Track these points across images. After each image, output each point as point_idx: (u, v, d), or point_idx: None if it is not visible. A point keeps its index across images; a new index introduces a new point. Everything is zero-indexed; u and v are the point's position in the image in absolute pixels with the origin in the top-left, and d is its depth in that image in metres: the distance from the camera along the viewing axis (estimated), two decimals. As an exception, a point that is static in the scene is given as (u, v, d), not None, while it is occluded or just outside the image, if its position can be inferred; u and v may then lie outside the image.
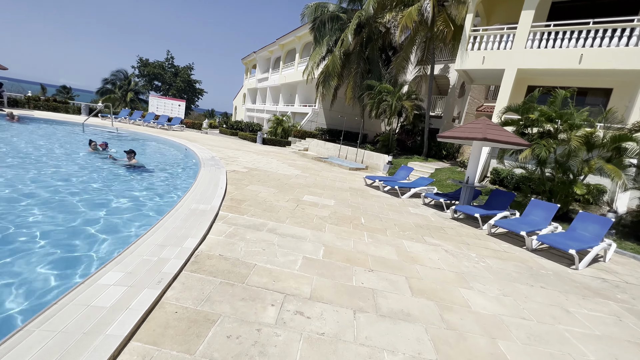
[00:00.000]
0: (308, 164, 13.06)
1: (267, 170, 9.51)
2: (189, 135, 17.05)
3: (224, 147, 13.59)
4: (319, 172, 11.05)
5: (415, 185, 9.32)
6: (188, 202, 4.81)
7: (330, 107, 18.93)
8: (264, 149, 16.28)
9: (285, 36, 26.06)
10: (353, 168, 13.56)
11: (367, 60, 16.43)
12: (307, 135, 20.75)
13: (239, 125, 24.77)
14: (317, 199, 6.87)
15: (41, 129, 12.25)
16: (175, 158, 10.40)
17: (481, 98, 22.80)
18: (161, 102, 20.53)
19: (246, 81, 40.89)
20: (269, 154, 14.26)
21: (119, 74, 40.92)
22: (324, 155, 17.11)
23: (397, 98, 14.28)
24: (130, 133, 13.90)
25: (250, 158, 11.57)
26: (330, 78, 16.51)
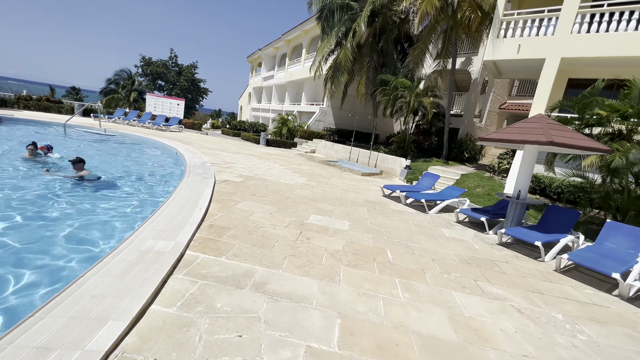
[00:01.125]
0: (315, 169, 11.55)
1: (266, 178, 8.03)
2: (186, 136, 15.73)
3: (221, 150, 12.18)
4: (328, 180, 9.53)
5: (444, 196, 7.73)
6: (142, 238, 3.33)
7: (341, 105, 17.41)
8: (267, 151, 14.84)
9: (291, 31, 24.61)
10: (366, 173, 12.00)
11: (381, 53, 14.85)
12: (314, 136, 19.26)
13: (242, 126, 23.42)
14: (326, 220, 5.35)
15: (9, 131, 10.99)
16: (160, 165, 8.94)
17: (504, 95, 20.96)
18: (159, 101, 19.31)
19: (251, 80, 39.64)
20: (271, 157, 12.81)
21: (123, 74, 40.14)
22: (333, 158, 15.59)
23: (415, 94, 12.66)
24: (119, 134, 12.62)
25: (249, 163, 10.11)
26: (340, 73, 14.97)
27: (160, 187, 6.62)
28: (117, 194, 5.67)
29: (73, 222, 4.10)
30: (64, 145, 9.74)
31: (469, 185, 10.32)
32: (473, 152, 15.39)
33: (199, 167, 7.74)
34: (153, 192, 6.26)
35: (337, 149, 15.98)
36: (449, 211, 7.63)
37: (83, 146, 10.00)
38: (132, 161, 8.61)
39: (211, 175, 6.98)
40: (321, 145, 17.13)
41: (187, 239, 3.45)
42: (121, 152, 9.58)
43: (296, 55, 26.72)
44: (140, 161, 8.78)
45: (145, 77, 37.38)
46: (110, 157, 8.66)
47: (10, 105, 16.79)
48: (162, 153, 10.43)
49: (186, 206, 4.57)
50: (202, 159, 9.06)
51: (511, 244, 5.64)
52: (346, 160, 14.83)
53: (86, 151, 9.31)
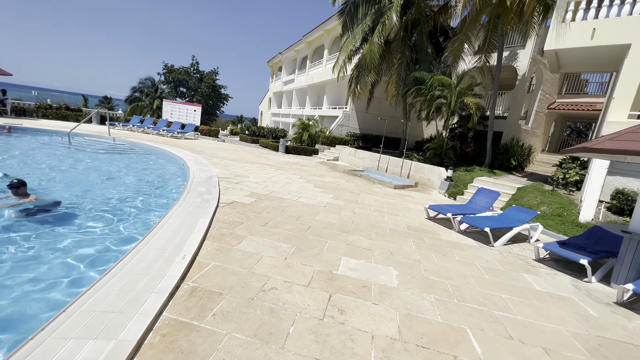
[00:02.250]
0: (340, 180, 10.02)
1: (283, 197, 6.58)
2: (200, 144, 14.72)
3: (234, 160, 10.94)
4: (357, 196, 7.96)
5: (511, 221, 5.94)
6: (56, 337, 1.93)
7: (366, 108, 15.83)
8: (286, 159, 13.50)
9: (312, 32, 23.39)
10: (399, 186, 10.31)
11: (413, 49, 13.15)
12: (337, 142, 17.77)
13: (261, 132, 22.35)
14: (364, 267, 3.79)
15: (6, 142, 10.32)
16: (160, 181, 7.47)
17: (553, 93, 18.50)
18: (175, 108, 18.58)
19: (272, 85, 38.94)
20: (291, 167, 11.43)
21: (147, 82, 40.75)
22: (359, 167, 13.99)
23: (457, 93, 10.86)
24: (128, 144, 11.73)
25: (264, 176, 8.75)
26: (366, 72, 13.42)
27: (146, 214, 5.02)
28: (77, 229, 4.07)
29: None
30: (64, 156, 8.85)
31: (531, 203, 8.40)
32: (521, 158, 13.31)
33: (203, 183, 6.42)
34: (134, 222, 4.59)
35: (363, 156, 14.38)
36: (517, 241, 5.85)
37: (81, 157, 9.05)
38: (126, 176, 7.32)
39: (215, 195, 5.63)
40: (345, 152, 15.60)
41: (140, 335, 2.01)
42: (119, 165, 8.46)
43: (317, 57, 25.47)
44: (137, 176, 7.48)
45: (167, 85, 37.60)
46: (100, 173, 7.41)
47: (30, 114, 16.59)
48: (166, 165, 9.28)
49: (165, 252, 3.18)
50: (209, 172, 7.79)
51: (635, 302, 3.83)
52: (374, 169, 13.18)
53: (80, 163, 8.31)
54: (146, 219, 4.77)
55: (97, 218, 4.58)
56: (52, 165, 7.75)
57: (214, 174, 7.58)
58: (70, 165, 7.83)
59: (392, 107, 21.09)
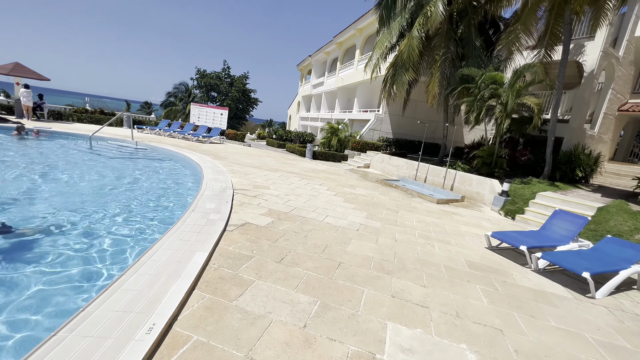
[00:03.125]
0: (374, 193, 8.73)
1: (307, 217, 5.45)
2: (224, 149, 14.09)
3: (257, 167, 10.04)
4: (396, 214, 6.64)
5: (613, 260, 4.35)
6: None
7: (402, 111, 14.39)
8: (313, 166, 12.43)
9: (344, 31, 22.33)
10: (443, 200, 8.82)
11: (459, 43, 11.57)
12: (368, 148, 16.44)
13: (288, 136, 21.56)
14: (421, 343, 2.52)
15: (32, 144, 10.19)
16: (167, 193, 6.49)
17: (626, 92, 15.86)
18: (202, 111, 18.28)
19: (301, 88, 38.43)
20: (317, 175, 10.32)
21: (181, 87, 42.02)
22: (392, 176, 12.58)
23: (515, 92, 9.17)
24: (150, 148, 11.27)
25: (287, 187, 7.70)
26: (404, 71, 12.03)
27: (129, 244, 3.85)
28: (17, 269, 3.04)
29: None
30: (73, 161, 8.41)
31: (620, 229, 6.59)
32: (588, 169, 11.24)
33: (214, 197, 5.47)
34: (111, 256, 3.50)
35: (397, 163, 12.94)
36: (620, 287, 4.25)
37: (94, 162, 8.57)
38: (131, 188, 6.41)
39: (224, 214, 4.62)
40: (377, 159, 14.24)
41: None
42: (129, 173, 7.79)
43: (348, 59, 24.35)
44: (143, 187, 6.73)
45: (200, 89, 38.37)
46: (102, 181, 6.64)
47: (66, 118, 17.01)
48: (181, 173, 8.53)
49: (126, 319, 2.14)
50: (225, 182, 6.86)
51: None
52: (410, 179, 11.71)
53: (86, 169, 7.75)
54: (127, 250, 3.74)
55: (59, 248, 3.58)
56: (51, 170, 7.21)
57: (230, 185, 6.63)
58: (72, 172, 7.27)
59: (429, 110, 19.38)
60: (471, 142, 16.51)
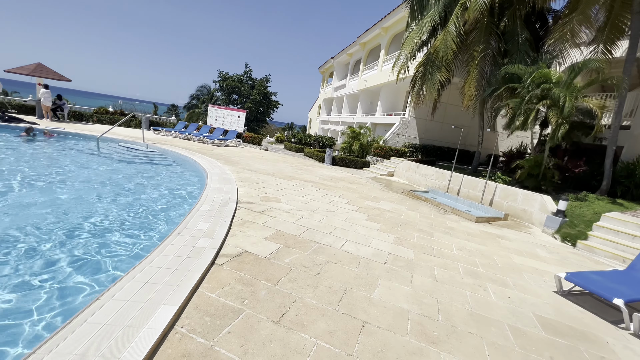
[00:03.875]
0: (400, 207, 7.55)
1: (322, 242, 4.40)
2: (237, 153, 13.36)
3: (270, 174, 9.14)
4: (430, 238, 5.46)
5: None
6: None
7: (431, 114, 13.08)
8: (332, 173, 11.40)
9: (368, 31, 21.24)
10: (483, 219, 7.50)
11: (502, 37, 10.18)
12: (392, 154, 15.20)
13: (307, 140, 20.68)
14: None
15: (36, 144, 9.81)
16: (156, 207, 5.39)
17: (698, 95, 13.68)
18: (220, 113, 17.75)
19: (322, 91, 37.62)
20: (336, 184, 9.27)
21: (204, 90, 42.40)
22: (420, 186, 11.30)
23: (574, 93, 7.71)
24: (160, 151, 10.68)
25: (301, 199, 6.70)
26: (436, 70, 10.78)
27: (78, 291, 2.81)
28: None
29: None
30: (76, 163, 7.85)
31: None
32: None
33: (211, 214, 4.55)
34: (43, 310, 2.51)
35: (426, 172, 11.64)
36: None
37: (92, 166, 7.97)
38: (119, 199, 5.56)
39: (217, 239, 3.67)
40: (402, 167, 12.98)
41: None
42: (128, 180, 7.02)
43: (372, 60, 23.21)
44: (135, 199, 5.64)
45: (221, 92, 38.51)
46: (90, 190, 5.87)
47: (87, 119, 17.03)
48: (185, 180, 7.75)
49: None
50: (230, 193, 5.97)
51: None
52: (440, 190, 10.38)
53: (86, 174, 7.12)
54: (68, 300, 2.64)
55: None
56: (36, 174, 6.60)
57: (234, 197, 5.72)
58: (61, 176, 6.64)
59: (460, 114, 17.83)
60: (508, 150, 14.90)
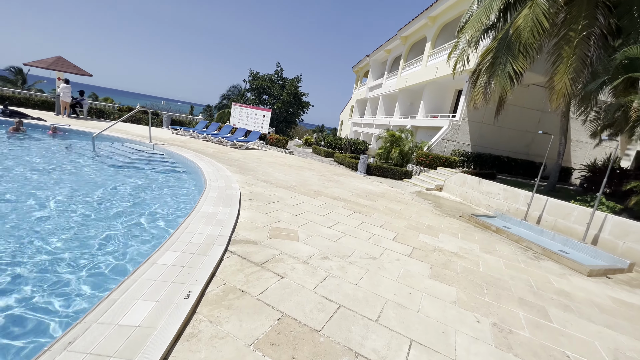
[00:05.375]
0: (471, 247, 5.21)
1: (363, 346, 2.33)
2: (256, 158, 11.62)
3: (291, 187, 7.19)
4: (547, 318, 3.13)
5: None
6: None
7: (495, 115, 10.45)
8: (368, 186, 9.23)
9: (412, 22, 18.78)
10: (598, 270, 4.96)
11: (612, 11, 7.44)
12: (440, 163, 12.69)
13: (338, 143, 18.63)
14: None
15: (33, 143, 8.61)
16: (113, 248, 3.52)
17: None
18: (244, 112, 16.25)
19: (355, 92, 35.44)
20: (375, 203, 7.11)
21: (235, 90, 41.91)
22: (480, 207, 8.77)
23: None
24: (167, 154, 9.16)
25: (328, 232, 4.64)
26: (510, 58, 8.27)
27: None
28: None
29: None
30: (59, 166, 6.42)
31: None
32: None
33: (168, 276, 2.64)
34: None
35: (489, 190, 9.08)
36: None
37: (74, 171, 6.48)
38: (55, 231, 3.74)
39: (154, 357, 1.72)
40: (455, 181, 10.47)
41: None
42: (100, 192, 5.33)
43: (414, 55, 20.69)
44: (74, 233, 3.78)
45: (251, 92, 37.67)
46: (47, 205, 4.46)
47: (107, 116, 16.32)
48: (174, 195, 6.00)
49: None
50: (224, 222, 4.07)
51: None
52: (510, 215, 7.80)
53: (61, 181, 5.57)
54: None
55: None
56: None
57: (229, 231, 3.80)
58: (29, 184, 5.11)
59: (524, 117, 14.87)
60: (591, 163, 11.85)
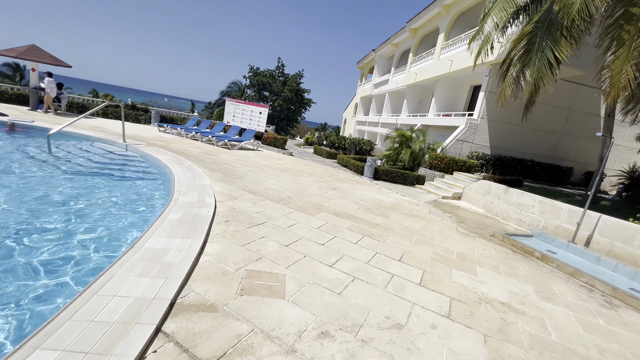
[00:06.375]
0: (524, 290, 3.80)
1: None
2: (248, 160, 10.24)
3: (284, 200, 5.81)
4: None
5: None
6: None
7: (524, 113, 8.98)
8: (377, 196, 7.82)
9: (423, 12, 17.26)
10: None
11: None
12: (456, 167, 11.25)
13: (341, 143, 17.21)
14: None
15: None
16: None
17: None
18: (238, 109, 14.86)
19: (359, 89, 33.93)
20: (388, 218, 5.70)
21: (234, 86, 40.53)
22: (509, 221, 7.32)
23: None
24: (141, 155, 7.82)
25: (330, 271, 3.25)
26: (551, 43, 6.84)
27: None
28: None
29: None
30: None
31: None
32: None
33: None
34: None
35: (520, 201, 7.63)
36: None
37: (25, 181, 5.14)
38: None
39: None
40: (478, 189, 9.04)
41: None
42: (25, 212, 4.08)
43: (424, 48, 19.18)
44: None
45: (252, 88, 36.26)
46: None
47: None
48: (119, 217, 4.63)
49: None
50: (183, 264, 2.70)
51: None
52: (550, 234, 6.37)
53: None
54: None
55: None
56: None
57: (174, 288, 2.43)
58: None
59: (550, 115, 13.39)
60: (630, 169, 10.44)
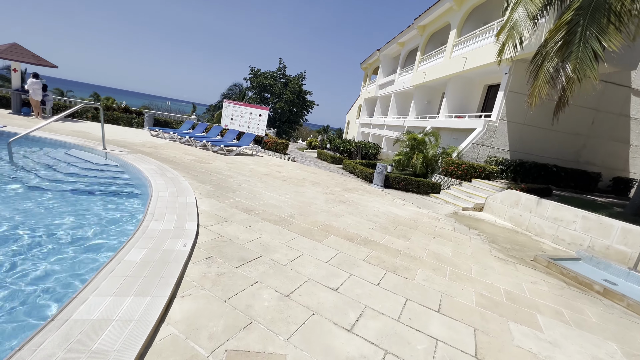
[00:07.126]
0: (608, 350, 2.77)
1: None
2: (244, 168, 9.24)
3: (285, 219, 4.78)
4: None
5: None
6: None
7: (555, 113, 7.88)
8: (392, 209, 6.76)
9: (433, 7, 16.24)
10: None
11: None
12: (475, 174, 10.18)
13: (346, 147, 16.19)
14: None
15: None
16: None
17: None
18: (237, 111, 13.89)
19: (363, 90, 32.93)
20: (410, 241, 4.64)
21: (235, 88, 39.68)
22: (545, 239, 6.24)
23: None
24: (122, 165, 6.83)
25: (344, 327, 2.22)
26: (597, 32, 5.82)
27: None
28: None
29: None
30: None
31: None
32: None
33: None
34: None
35: (559, 216, 6.54)
36: None
37: None
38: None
39: None
40: (504, 199, 7.96)
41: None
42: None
43: (433, 47, 18.17)
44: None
45: (252, 90, 35.37)
46: None
47: (79, 115, 14.09)
48: (84, 257, 3.64)
49: None
50: (127, 352, 1.68)
51: None
52: (601, 257, 5.29)
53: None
54: None
55: None
56: None
57: None
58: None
59: (574, 116, 12.33)
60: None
